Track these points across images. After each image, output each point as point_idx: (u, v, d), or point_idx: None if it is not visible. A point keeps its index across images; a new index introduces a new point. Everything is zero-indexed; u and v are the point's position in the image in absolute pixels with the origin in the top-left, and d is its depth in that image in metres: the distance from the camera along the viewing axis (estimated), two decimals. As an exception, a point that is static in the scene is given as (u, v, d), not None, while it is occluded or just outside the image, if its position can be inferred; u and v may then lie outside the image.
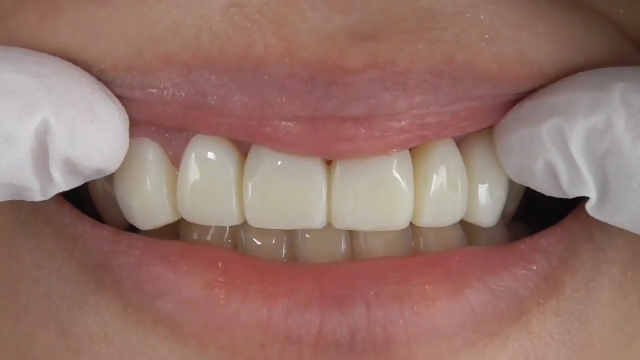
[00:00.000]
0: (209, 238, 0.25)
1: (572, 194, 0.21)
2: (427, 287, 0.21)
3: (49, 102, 0.19)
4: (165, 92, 0.21)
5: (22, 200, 0.23)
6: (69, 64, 0.21)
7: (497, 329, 0.22)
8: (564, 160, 0.21)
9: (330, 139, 0.21)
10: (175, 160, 0.24)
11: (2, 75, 0.19)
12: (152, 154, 0.24)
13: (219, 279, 0.22)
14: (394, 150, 0.22)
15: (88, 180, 0.22)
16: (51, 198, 0.23)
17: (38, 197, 0.21)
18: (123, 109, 0.22)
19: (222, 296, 0.21)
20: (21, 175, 0.20)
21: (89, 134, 0.20)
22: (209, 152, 0.23)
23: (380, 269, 0.22)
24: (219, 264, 0.22)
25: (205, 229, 0.25)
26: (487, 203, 0.24)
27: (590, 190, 0.20)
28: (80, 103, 0.20)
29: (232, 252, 0.23)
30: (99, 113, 0.20)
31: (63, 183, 0.20)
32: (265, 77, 0.20)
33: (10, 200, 0.23)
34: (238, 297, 0.21)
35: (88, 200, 0.26)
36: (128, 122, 0.22)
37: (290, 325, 0.21)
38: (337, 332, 0.21)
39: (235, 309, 0.21)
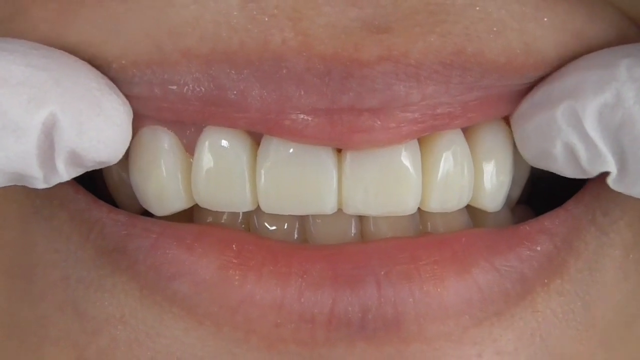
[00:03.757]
0: (222, 222, 0.25)
1: (593, 171, 0.22)
2: (435, 266, 0.22)
3: (56, 95, 0.20)
4: (185, 87, 0.22)
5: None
6: (76, 58, 0.21)
7: (503, 308, 0.22)
8: (581, 139, 0.21)
9: (347, 130, 0.22)
10: (189, 148, 0.24)
11: (11, 67, 0.20)
12: (167, 142, 0.24)
13: (234, 261, 0.22)
14: (407, 139, 0.23)
15: (89, 170, 0.22)
16: (67, 184, 0.24)
17: (41, 185, 0.21)
18: (127, 102, 0.22)
19: (237, 277, 0.22)
20: (27, 165, 0.20)
21: (94, 127, 0.20)
22: (222, 140, 0.24)
23: (390, 249, 0.22)
24: (233, 245, 0.22)
25: (219, 214, 0.25)
26: (492, 188, 0.25)
27: (609, 164, 0.21)
28: (86, 96, 0.20)
29: (246, 233, 0.24)
30: (105, 107, 0.21)
31: (65, 174, 0.21)
32: (284, 71, 0.21)
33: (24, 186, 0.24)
34: (252, 278, 0.22)
35: (103, 187, 0.27)
36: (132, 116, 0.22)
37: (303, 305, 0.21)
38: (349, 310, 0.21)
39: (250, 289, 0.22)
